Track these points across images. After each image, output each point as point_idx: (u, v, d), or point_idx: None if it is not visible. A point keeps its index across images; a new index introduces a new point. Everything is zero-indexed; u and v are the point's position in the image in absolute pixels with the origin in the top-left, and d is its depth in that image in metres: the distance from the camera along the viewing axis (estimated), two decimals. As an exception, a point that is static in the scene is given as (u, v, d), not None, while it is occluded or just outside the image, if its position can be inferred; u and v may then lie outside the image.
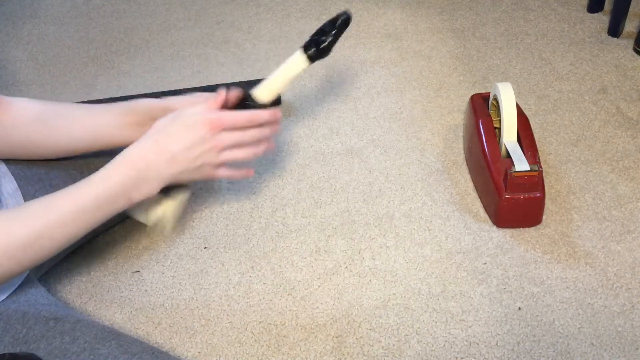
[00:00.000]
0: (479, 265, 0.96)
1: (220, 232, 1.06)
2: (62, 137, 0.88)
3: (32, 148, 0.88)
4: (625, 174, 1.10)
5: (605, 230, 1.00)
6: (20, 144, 0.87)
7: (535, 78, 1.35)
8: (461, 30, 1.53)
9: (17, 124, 0.85)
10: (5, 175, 0.87)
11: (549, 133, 1.20)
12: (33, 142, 0.87)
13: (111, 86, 1.45)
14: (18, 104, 0.86)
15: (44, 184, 0.90)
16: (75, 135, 0.89)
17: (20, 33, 1.70)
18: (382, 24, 1.58)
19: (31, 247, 0.70)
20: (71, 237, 0.73)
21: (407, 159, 1.17)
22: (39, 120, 0.87)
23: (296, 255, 1.01)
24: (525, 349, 0.85)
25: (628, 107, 1.25)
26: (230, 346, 0.88)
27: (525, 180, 0.96)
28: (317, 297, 0.94)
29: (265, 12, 1.68)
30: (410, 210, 1.07)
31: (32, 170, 0.90)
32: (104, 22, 1.71)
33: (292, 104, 1.34)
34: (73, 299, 0.97)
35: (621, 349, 0.84)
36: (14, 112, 0.86)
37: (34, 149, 0.88)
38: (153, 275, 0.99)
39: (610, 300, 0.90)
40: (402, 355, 0.85)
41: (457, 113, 1.27)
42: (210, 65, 1.49)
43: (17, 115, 0.85)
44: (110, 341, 0.74)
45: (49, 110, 0.88)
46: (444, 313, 0.90)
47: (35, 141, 0.87)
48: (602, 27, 1.48)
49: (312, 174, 1.16)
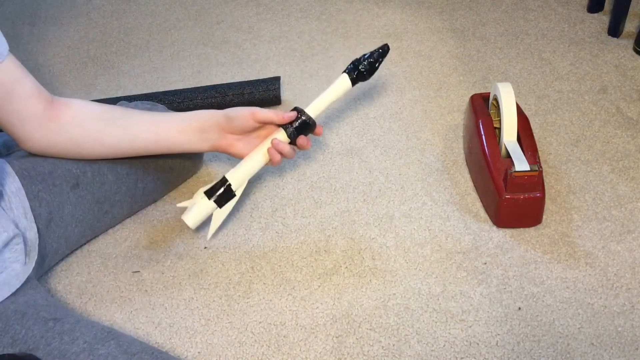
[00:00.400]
0: (479, 265, 0.96)
1: (220, 232, 1.06)
2: (123, 136, 0.92)
3: (91, 145, 0.91)
4: (625, 174, 1.10)
5: (605, 230, 1.00)
6: (79, 139, 0.90)
7: (535, 78, 1.35)
8: (461, 30, 1.52)
9: (76, 122, 0.89)
10: (9, 175, 0.87)
11: (549, 133, 1.20)
12: (93, 139, 0.91)
13: (111, 86, 1.45)
14: (77, 103, 0.90)
15: (47, 183, 0.91)
16: (137, 135, 0.92)
17: (20, 33, 1.70)
18: (382, 24, 1.58)
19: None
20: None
21: (407, 159, 1.17)
22: (101, 120, 0.91)
23: (296, 255, 1.01)
24: (525, 349, 0.85)
25: (628, 107, 1.25)
26: (230, 346, 0.88)
27: (525, 180, 0.96)
28: (317, 297, 0.94)
29: (265, 12, 1.68)
30: (410, 210, 1.07)
31: (35, 170, 0.90)
32: (104, 22, 1.71)
33: (292, 104, 1.34)
34: (73, 299, 0.97)
35: (621, 349, 0.84)
36: (72, 110, 0.89)
37: (92, 146, 0.91)
38: (153, 275, 0.99)
39: (610, 300, 0.90)
40: (402, 355, 0.85)
41: (457, 113, 1.27)
42: (210, 65, 1.49)
43: (76, 113, 0.89)
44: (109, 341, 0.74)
45: (110, 111, 0.93)
46: (444, 313, 0.90)
47: (96, 139, 0.91)
48: (602, 27, 1.48)
49: (312, 174, 1.16)
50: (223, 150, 0.97)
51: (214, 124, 0.94)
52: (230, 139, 0.96)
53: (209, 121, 0.94)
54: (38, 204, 0.89)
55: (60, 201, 0.91)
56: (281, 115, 0.94)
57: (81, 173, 0.94)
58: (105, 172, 0.97)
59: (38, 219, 0.88)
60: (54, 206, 0.91)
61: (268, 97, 1.31)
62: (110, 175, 0.97)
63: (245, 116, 0.93)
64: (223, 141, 0.96)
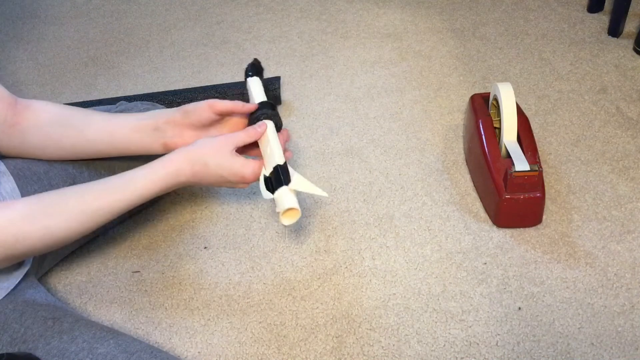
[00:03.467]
0: (479, 265, 0.96)
1: (220, 232, 1.06)
2: (80, 138, 0.90)
3: (52, 149, 0.89)
4: (625, 174, 1.10)
5: (605, 230, 1.00)
6: (39, 144, 0.88)
7: (535, 78, 1.35)
8: (461, 30, 1.52)
9: (35, 125, 0.87)
10: (4, 175, 0.86)
11: (549, 133, 1.20)
12: (53, 142, 0.89)
13: (111, 86, 1.45)
14: (36, 106, 0.88)
15: (43, 183, 0.90)
16: (92, 136, 0.90)
17: (20, 33, 1.70)
18: (382, 24, 1.58)
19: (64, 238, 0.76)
20: (101, 225, 0.81)
21: (407, 159, 1.17)
22: (57, 123, 0.88)
23: (296, 255, 1.01)
24: (525, 349, 0.85)
25: (628, 107, 1.24)
26: (230, 346, 0.88)
27: (525, 180, 0.96)
28: (317, 297, 0.94)
29: (265, 12, 1.68)
30: (410, 210, 1.07)
31: (31, 170, 0.90)
32: (104, 22, 1.71)
33: (292, 104, 1.34)
34: (73, 299, 0.97)
35: (621, 349, 0.84)
36: (32, 113, 0.87)
37: (53, 149, 0.90)
38: (153, 275, 0.99)
39: (610, 300, 0.90)
40: (402, 356, 0.85)
41: (457, 113, 1.27)
42: (210, 65, 1.49)
43: (35, 117, 0.87)
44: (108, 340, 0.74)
45: (67, 113, 0.90)
46: (444, 313, 0.90)
47: (55, 142, 0.89)
48: (602, 27, 1.48)
49: (312, 174, 1.16)
50: None
51: (169, 120, 0.90)
52: (187, 136, 0.91)
53: (163, 117, 0.90)
54: None
55: None
56: (241, 105, 0.89)
57: (78, 172, 0.94)
58: (102, 170, 0.96)
59: None
60: None
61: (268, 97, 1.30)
62: (107, 173, 0.97)
63: (202, 108, 0.89)
64: (179, 139, 0.91)
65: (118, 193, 0.79)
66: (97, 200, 0.77)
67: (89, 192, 0.78)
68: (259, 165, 0.87)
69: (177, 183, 0.83)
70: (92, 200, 0.77)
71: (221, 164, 0.83)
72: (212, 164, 0.82)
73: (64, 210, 0.75)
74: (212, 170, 0.83)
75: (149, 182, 0.80)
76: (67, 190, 0.78)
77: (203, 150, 0.83)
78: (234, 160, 0.83)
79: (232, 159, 0.83)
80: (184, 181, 0.83)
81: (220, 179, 0.84)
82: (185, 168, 0.82)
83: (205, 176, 0.83)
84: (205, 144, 0.84)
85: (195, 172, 0.82)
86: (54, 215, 0.74)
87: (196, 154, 0.83)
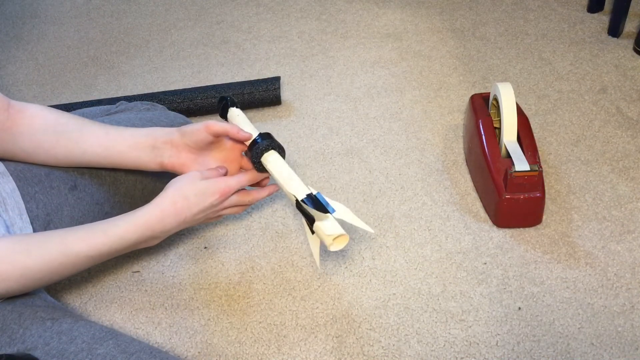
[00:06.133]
0: (479, 265, 0.96)
1: (220, 232, 1.06)
2: (74, 149, 0.89)
3: (43, 156, 0.89)
4: (625, 174, 1.10)
5: (605, 230, 1.00)
6: (31, 151, 0.88)
7: (535, 78, 1.35)
8: (461, 30, 1.52)
9: (28, 131, 0.86)
10: (3, 175, 0.86)
11: (549, 133, 1.20)
12: (44, 151, 0.88)
13: (111, 86, 1.45)
14: (31, 111, 0.87)
15: (44, 185, 0.90)
16: (87, 148, 0.89)
17: (20, 33, 1.70)
18: (382, 24, 1.58)
19: (42, 280, 0.76)
20: (81, 271, 0.80)
21: (407, 159, 1.17)
22: (53, 131, 0.87)
23: (296, 255, 1.01)
24: (525, 349, 0.85)
25: (628, 107, 1.24)
26: (230, 346, 0.88)
27: (525, 180, 0.96)
28: (317, 297, 0.94)
29: (265, 12, 1.68)
30: (410, 210, 1.07)
31: (32, 172, 0.90)
32: (104, 22, 1.71)
33: (292, 104, 1.34)
34: (73, 299, 0.97)
35: (621, 349, 0.84)
36: (25, 118, 0.86)
37: (45, 157, 0.89)
38: (153, 275, 0.99)
39: (610, 300, 0.90)
40: (402, 355, 0.85)
41: (457, 113, 1.27)
42: (210, 65, 1.49)
43: (28, 123, 0.86)
44: (107, 341, 0.74)
45: (63, 122, 0.89)
46: (444, 313, 0.90)
47: (46, 150, 0.88)
48: (602, 27, 1.48)
49: (312, 174, 1.16)
50: (176, 170, 0.92)
51: (167, 141, 0.90)
52: (184, 158, 0.91)
53: (162, 137, 0.90)
54: (35, 205, 0.88)
55: (59, 203, 0.91)
56: (237, 129, 0.89)
57: (79, 175, 0.94)
58: (103, 173, 0.96)
59: (36, 220, 0.88)
60: (52, 208, 0.90)
61: (268, 97, 1.31)
62: (109, 176, 0.97)
63: (199, 129, 0.89)
64: (176, 160, 0.91)
65: (99, 237, 0.78)
66: (79, 242, 0.77)
67: (72, 234, 0.78)
68: (227, 174, 0.90)
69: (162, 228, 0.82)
70: (73, 243, 0.77)
71: (197, 192, 0.84)
72: (190, 194, 0.84)
73: (45, 252, 0.75)
74: (192, 202, 0.84)
75: (132, 225, 0.80)
76: (50, 232, 0.78)
77: (177, 186, 0.85)
78: (207, 183, 0.85)
79: (204, 182, 0.85)
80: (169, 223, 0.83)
81: (203, 207, 0.85)
82: (169, 208, 0.82)
83: (189, 211, 0.84)
84: (176, 180, 0.86)
85: (178, 209, 0.83)
86: (35, 256, 0.74)
87: (174, 192, 0.84)
